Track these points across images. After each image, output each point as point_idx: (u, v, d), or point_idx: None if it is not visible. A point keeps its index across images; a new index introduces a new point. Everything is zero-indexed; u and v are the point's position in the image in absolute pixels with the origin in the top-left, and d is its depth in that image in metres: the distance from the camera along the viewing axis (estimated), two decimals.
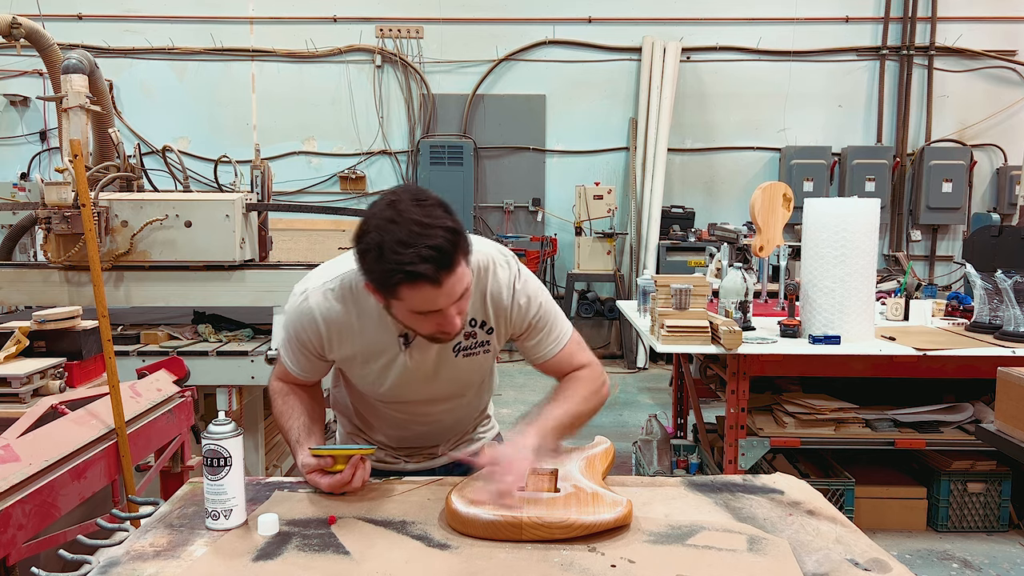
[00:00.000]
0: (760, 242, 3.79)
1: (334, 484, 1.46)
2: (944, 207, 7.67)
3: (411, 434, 1.74)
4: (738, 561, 1.22)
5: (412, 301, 1.34)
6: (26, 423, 1.80)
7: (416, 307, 1.35)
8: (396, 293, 1.34)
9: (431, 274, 1.29)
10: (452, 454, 1.71)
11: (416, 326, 1.42)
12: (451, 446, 1.79)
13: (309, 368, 1.63)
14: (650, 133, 7.46)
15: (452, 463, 1.76)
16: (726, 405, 3.34)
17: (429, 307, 1.35)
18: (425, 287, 1.31)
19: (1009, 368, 2.30)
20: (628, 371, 7.20)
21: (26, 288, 3.39)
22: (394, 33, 7.75)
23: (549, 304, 1.62)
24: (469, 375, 1.65)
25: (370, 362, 1.57)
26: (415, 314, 1.38)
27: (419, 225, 1.29)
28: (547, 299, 1.62)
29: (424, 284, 1.30)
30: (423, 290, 1.31)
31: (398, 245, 1.28)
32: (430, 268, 1.28)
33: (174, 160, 3.75)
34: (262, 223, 3.78)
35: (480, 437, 1.84)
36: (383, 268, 1.30)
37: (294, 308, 1.56)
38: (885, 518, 3.62)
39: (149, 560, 1.22)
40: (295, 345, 1.60)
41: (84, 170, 1.84)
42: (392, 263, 1.28)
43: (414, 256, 1.27)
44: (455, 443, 1.80)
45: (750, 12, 7.69)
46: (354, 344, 1.55)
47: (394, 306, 1.39)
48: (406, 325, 1.45)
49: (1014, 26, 7.70)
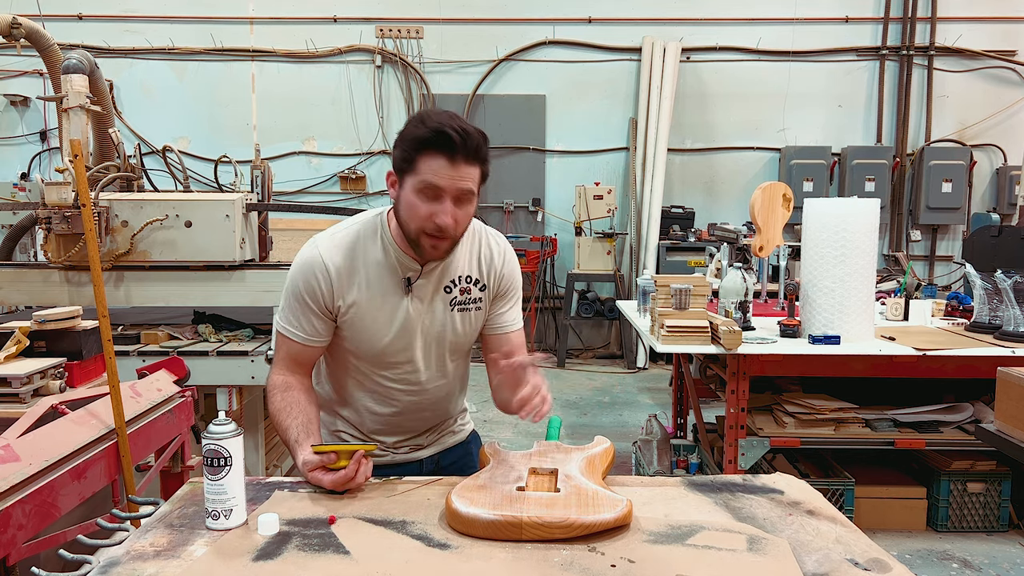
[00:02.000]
0: (760, 242, 3.79)
1: (338, 481, 1.46)
2: (944, 207, 7.67)
3: (397, 410, 1.75)
4: (738, 561, 1.22)
5: (423, 169, 1.49)
6: (26, 423, 1.80)
7: (425, 175, 1.49)
8: (416, 163, 1.50)
9: (456, 142, 1.47)
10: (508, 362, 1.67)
11: (414, 211, 1.53)
12: (433, 437, 1.84)
13: (314, 329, 1.65)
14: (650, 133, 7.47)
15: (438, 454, 1.84)
16: (726, 405, 3.34)
17: (434, 178, 1.49)
18: (441, 157, 1.48)
19: (1009, 368, 2.30)
20: (628, 371, 7.21)
21: (26, 288, 3.39)
22: (394, 33, 7.75)
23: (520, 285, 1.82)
24: (461, 332, 1.73)
25: (375, 307, 1.64)
26: (419, 194, 1.51)
27: (457, 117, 1.51)
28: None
29: (442, 155, 1.48)
30: (438, 160, 1.48)
31: (430, 115, 1.50)
32: (456, 138, 1.47)
33: (174, 160, 3.75)
34: (262, 223, 3.78)
35: (460, 429, 1.92)
36: (418, 130, 1.49)
37: (303, 258, 1.65)
38: (885, 518, 3.62)
39: (149, 560, 1.22)
40: (302, 301, 1.63)
41: (84, 170, 1.84)
42: (424, 123, 1.49)
43: (447, 126, 1.47)
44: (438, 434, 1.85)
45: (750, 12, 7.69)
46: (360, 289, 1.63)
47: (407, 186, 1.53)
48: (404, 219, 1.55)
49: (1014, 26, 7.70)
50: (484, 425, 5.32)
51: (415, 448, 1.82)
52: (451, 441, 1.88)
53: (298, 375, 1.69)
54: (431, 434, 1.84)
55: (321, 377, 1.81)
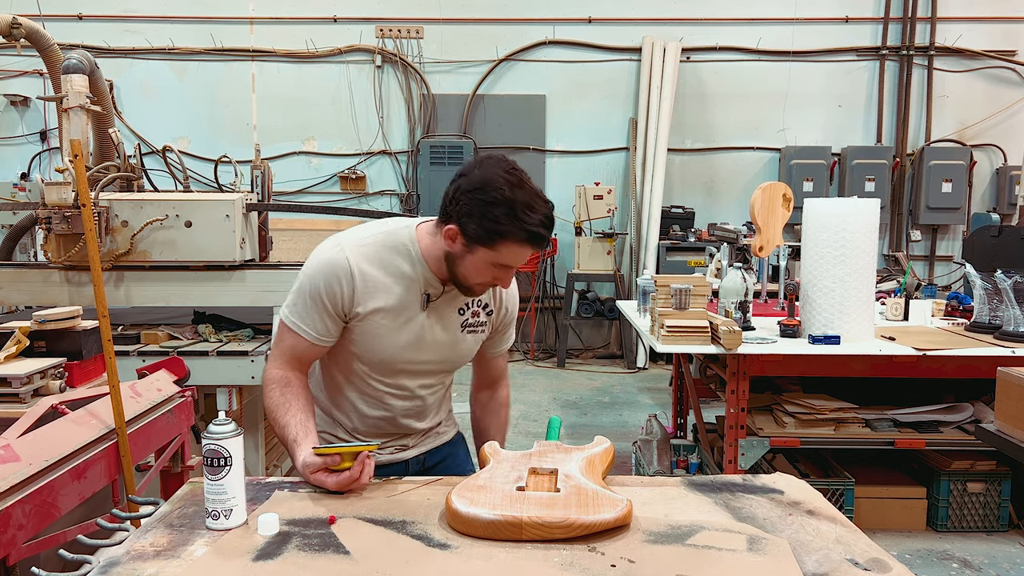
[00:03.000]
0: (760, 242, 3.79)
1: (342, 482, 1.46)
2: (944, 207, 7.67)
3: (387, 415, 1.77)
4: (738, 561, 1.22)
5: (506, 255, 1.54)
6: (26, 423, 1.80)
7: (504, 260, 1.55)
8: (497, 244, 1.52)
9: (545, 238, 1.52)
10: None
11: (478, 274, 1.59)
12: (418, 439, 1.86)
13: (326, 330, 1.65)
14: (650, 133, 7.47)
15: (424, 455, 1.87)
16: (726, 405, 3.34)
17: (512, 263, 1.57)
18: (526, 247, 1.53)
19: (1009, 368, 2.29)
20: (628, 371, 7.21)
21: (26, 288, 3.38)
22: (394, 33, 7.75)
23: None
24: (464, 351, 1.79)
25: (392, 317, 1.66)
26: (491, 265, 1.56)
27: (540, 197, 1.53)
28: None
29: (530, 247, 1.53)
30: (522, 249, 1.53)
31: (527, 208, 1.50)
32: (546, 233, 1.52)
33: (174, 160, 3.75)
34: (262, 223, 3.78)
35: (445, 431, 1.95)
36: (509, 222, 1.49)
37: (328, 259, 1.63)
38: (885, 518, 3.62)
39: (149, 560, 1.22)
40: (319, 301, 1.62)
41: (84, 170, 1.84)
42: (520, 220, 1.49)
43: (538, 221, 1.51)
44: (422, 436, 1.87)
45: (750, 12, 7.70)
46: (381, 298, 1.64)
47: (478, 254, 1.55)
48: (463, 273, 1.59)
49: (1014, 26, 7.70)
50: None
51: (400, 449, 1.84)
52: (436, 442, 1.90)
53: (296, 371, 1.69)
54: (416, 436, 1.85)
55: (314, 372, 1.81)
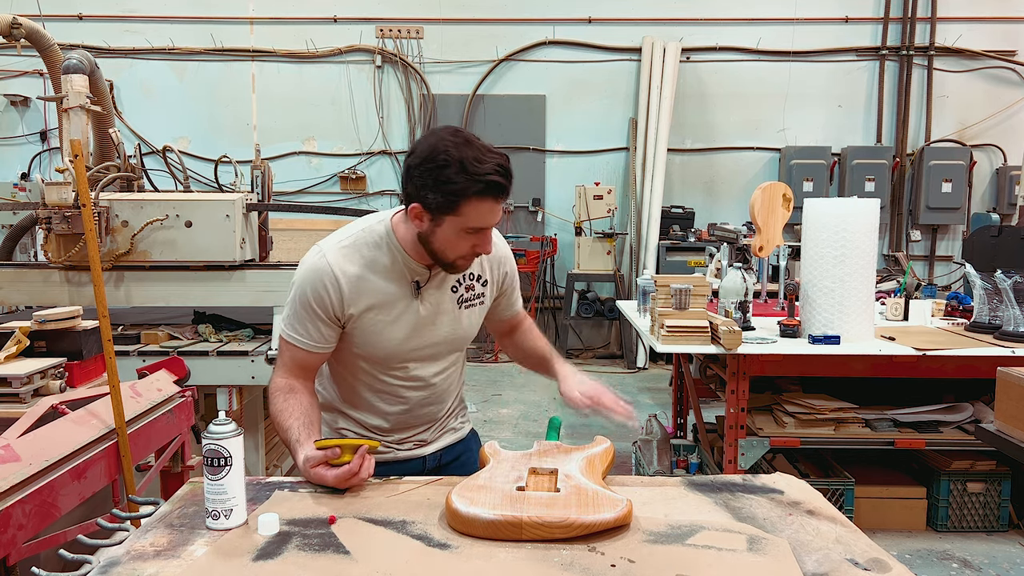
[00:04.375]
0: (760, 242, 3.79)
1: (341, 475, 1.46)
2: (944, 207, 7.67)
3: (406, 408, 1.77)
4: (738, 561, 1.22)
5: (471, 215, 1.51)
6: (26, 423, 1.80)
7: (471, 222, 1.52)
8: (460, 208, 1.50)
9: (505, 185, 1.50)
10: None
11: (455, 247, 1.57)
12: (437, 433, 1.86)
13: (321, 336, 1.65)
14: (650, 133, 7.47)
15: (441, 451, 1.86)
16: (726, 405, 3.34)
17: (483, 223, 1.53)
18: (489, 201, 1.50)
19: (1009, 368, 2.30)
20: (628, 371, 7.21)
21: (26, 288, 3.39)
22: (394, 33, 7.75)
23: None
24: (468, 327, 1.78)
25: (386, 312, 1.66)
26: (462, 232, 1.53)
27: (489, 150, 1.51)
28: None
29: (490, 199, 1.50)
30: (486, 204, 1.51)
31: (476, 161, 1.47)
32: (504, 181, 1.50)
33: (174, 160, 3.75)
34: (262, 223, 3.78)
35: (460, 426, 1.94)
36: (463, 179, 1.46)
37: (311, 266, 1.64)
38: (885, 518, 3.62)
39: (149, 560, 1.22)
40: (310, 309, 1.63)
41: (84, 170, 1.84)
42: (472, 173, 1.46)
43: (492, 170, 1.48)
44: (440, 430, 1.87)
45: (750, 12, 7.70)
46: (370, 296, 1.64)
47: (446, 224, 1.53)
48: (440, 249, 1.57)
49: (1014, 26, 7.70)
50: (484, 425, 5.33)
51: (419, 444, 1.83)
52: (452, 438, 1.90)
53: (301, 379, 1.69)
54: (435, 429, 1.85)
55: (324, 380, 1.81)
